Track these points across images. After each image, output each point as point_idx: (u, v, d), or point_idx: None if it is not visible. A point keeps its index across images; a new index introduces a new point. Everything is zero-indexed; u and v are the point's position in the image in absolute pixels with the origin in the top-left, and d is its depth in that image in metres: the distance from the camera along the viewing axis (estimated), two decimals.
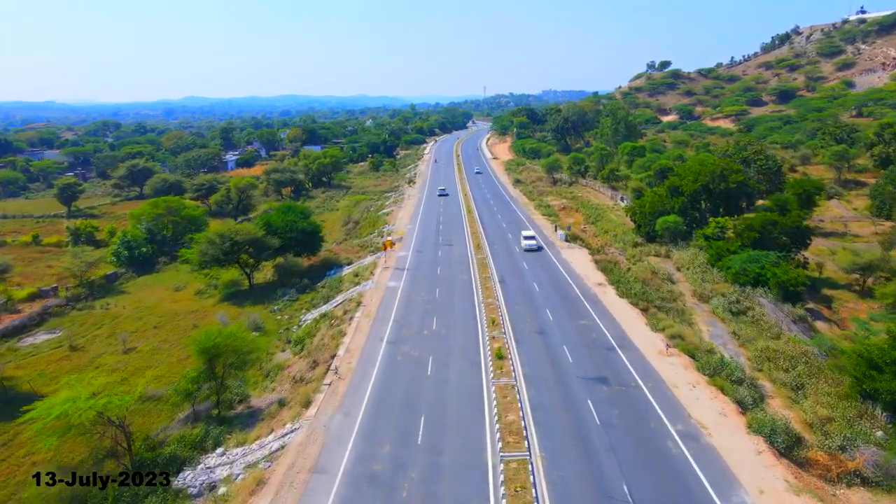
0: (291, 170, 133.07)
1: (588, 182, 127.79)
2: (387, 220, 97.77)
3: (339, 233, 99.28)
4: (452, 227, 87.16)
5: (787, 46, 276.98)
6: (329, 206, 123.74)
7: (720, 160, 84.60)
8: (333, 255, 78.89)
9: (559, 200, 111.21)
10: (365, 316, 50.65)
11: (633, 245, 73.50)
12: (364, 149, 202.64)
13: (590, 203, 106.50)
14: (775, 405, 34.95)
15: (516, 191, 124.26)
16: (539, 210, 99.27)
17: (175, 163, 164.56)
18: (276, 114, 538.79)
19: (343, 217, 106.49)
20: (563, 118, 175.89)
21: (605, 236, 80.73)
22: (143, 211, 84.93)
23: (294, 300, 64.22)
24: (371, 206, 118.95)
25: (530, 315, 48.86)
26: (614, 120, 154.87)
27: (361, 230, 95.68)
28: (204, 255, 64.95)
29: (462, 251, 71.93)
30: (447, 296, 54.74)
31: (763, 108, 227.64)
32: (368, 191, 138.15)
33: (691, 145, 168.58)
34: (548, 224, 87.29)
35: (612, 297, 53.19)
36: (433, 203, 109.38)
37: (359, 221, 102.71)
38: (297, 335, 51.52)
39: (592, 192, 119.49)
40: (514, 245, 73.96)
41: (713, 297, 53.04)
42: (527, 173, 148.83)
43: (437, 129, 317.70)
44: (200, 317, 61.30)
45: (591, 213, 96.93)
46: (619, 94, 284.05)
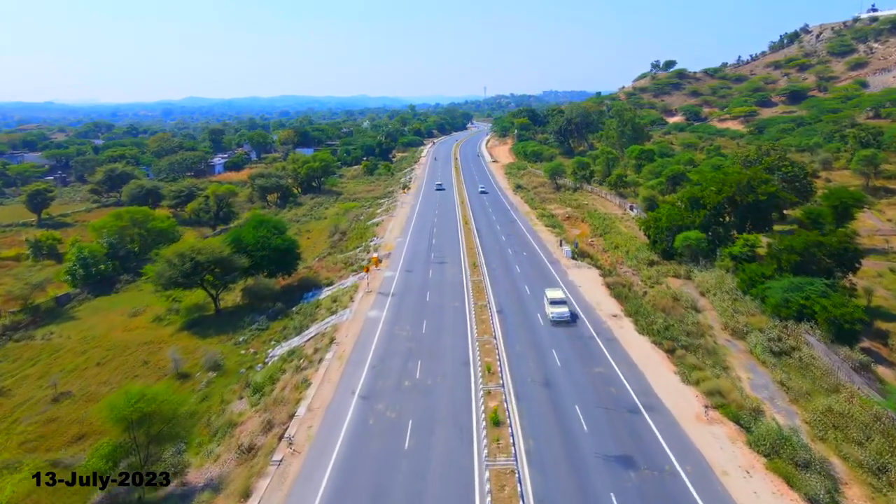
0: (277, 175, 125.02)
1: (593, 188, 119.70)
2: (376, 231, 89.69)
3: (324, 244, 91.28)
4: (446, 240, 79.09)
5: (796, 45, 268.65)
6: (317, 214, 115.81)
7: (747, 169, 76.57)
8: (313, 273, 70.80)
9: (563, 209, 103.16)
10: (337, 358, 42.56)
11: (648, 263, 65.42)
12: (358, 151, 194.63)
13: (596, 212, 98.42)
14: (853, 496, 26.87)
15: (517, 197, 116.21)
16: (542, 220, 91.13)
17: (158, 166, 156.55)
18: (275, 114, 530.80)
19: (330, 227, 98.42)
20: (565, 120, 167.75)
21: (615, 252, 72.63)
22: (104, 223, 76.88)
23: (263, 329, 56.17)
24: (362, 213, 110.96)
25: (534, 358, 40.80)
26: (620, 122, 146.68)
27: (348, 242, 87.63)
28: (160, 278, 56.93)
29: (456, 271, 63.83)
30: (435, 332, 46.62)
31: (773, 108, 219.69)
32: (360, 197, 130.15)
33: (700, 148, 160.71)
34: (552, 238, 79.15)
35: (631, 333, 45.10)
36: (427, 211, 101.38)
37: (346, 232, 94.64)
38: (258, 380, 43.40)
39: (599, 200, 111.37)
40: (515, 263, 65.85)
41: (749, 333, 44.97)
42: (528, 178, 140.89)
43: (436, 130, 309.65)
44: (154, 350, 53.27)
45: (599, 224, 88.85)
46: (623, 95, 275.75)
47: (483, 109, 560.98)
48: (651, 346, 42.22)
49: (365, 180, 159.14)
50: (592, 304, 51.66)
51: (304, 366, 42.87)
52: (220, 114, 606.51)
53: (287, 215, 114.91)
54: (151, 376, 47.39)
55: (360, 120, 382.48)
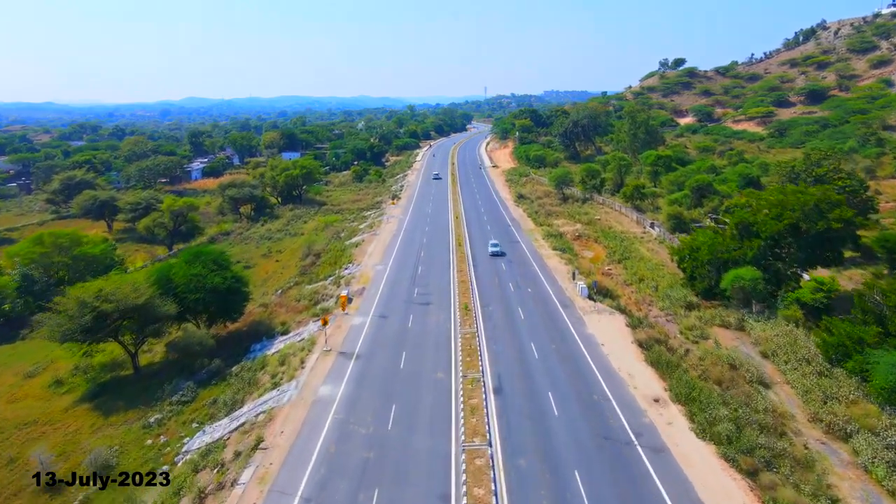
0: (251, 184, 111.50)
1: (605, 199, 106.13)
2: (354, 255, 76.23)
3: (294, 269, 77.93)
4: (434, 269, 65.63)
5: (813, 43, 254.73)
6: (293, 229, 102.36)
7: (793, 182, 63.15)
8: (268, 314, 57.21)
9: (572, 225, 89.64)
10: (257, 480, 29.00)
11: (685, 305, 51.90)
12: (349, 155, 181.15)
13: (611, 230, 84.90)
14: None
15: (519, 210, 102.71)
16: (549, 242, 77.57)
17: (127, 173, 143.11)
18: (273, 115, 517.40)
19: (303, 247, 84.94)
20: (571, 121, 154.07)
21: (640, 287, 59.06)
22: (20, 249, 63.47)
23: (188, 401, 42.69)
24: (343, 229, 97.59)
25: (547, 487, 27.29)
26: (633, 124, 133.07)
27: (320, 269, 74.24)
28: (54, 333, 43.56)
29: (443, 317, 50.27)
30: (407, 428, 33.03)
31: (791, 109, 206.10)
32: (345, 208, 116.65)
33: (719, 153, 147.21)
34: (561, 266, 65.59)
35: (685, 436, 31.53)
36: (416, 228, 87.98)
37: (321, 254, 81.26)
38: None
39: (612, 214, 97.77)
40: (517, 305, 52.28)
41: (855, 434, 31.49)
42: (531, 186, 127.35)
43: (434, 131, 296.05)
44: (36, 434, 39.82)
45: (616, 246, 75.33)
46: (630, 95, 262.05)
47: (483, 110, 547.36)
48: (721, 466, 28.65)
49: (353, 188, 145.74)
50: (623, 377, 38.13)
51: (213, 488, 29.36)
52: (218, 114, 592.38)
53: (259, 231, 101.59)
54: (10, 487, 33.90)
55: (358, 121, 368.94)
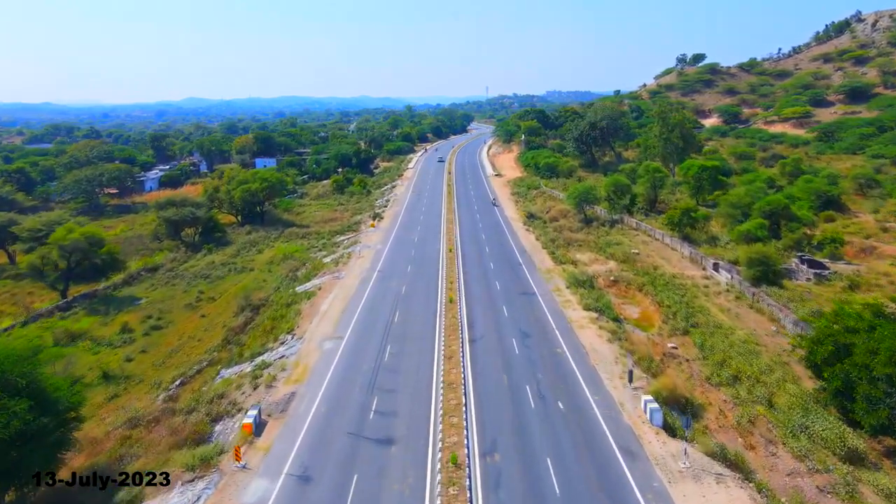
0: (194, 202, 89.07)
1: (639, 223, 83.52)
2: (301, 313, 53.82)
3: (219, 332, 55.56)
4: (411, 350, 43.30)
5: (847, 35, 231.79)
6: (243, 262, 79.89)
7: None
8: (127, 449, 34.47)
9: (603, 263, 67.16)
10: None
11: (842, 455, 29.52)
12: (332, 162, 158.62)
13: (659, 272, 62.35)
14: None
15: (530, 237, 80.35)
16: (576, 294, 54.92)
17: (64, 184, 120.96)
18: (270, 115, 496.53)
19: (240, 295, 62.44)
20: (588, 123, 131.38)
21: (737, 392, 36.57)
22: None
23: None
24: (305, 262, 75.48)
25: None
26: (664, 126, 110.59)
27: (251, 336, 51.97)
28: None
29: (412, 484, 27.82)
30: None
31: (830, 109, 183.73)
32: (313, 232, 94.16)
33: (764, 161, 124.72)
34: (601, 343, 43.07)
35: None
36: (395, 268, 65.73)
37: (261, 308, 58.95)
38: None
39: (654, 245, 75.09)
40: (547, 453, 29.87)
41: None
42: (543, 202, 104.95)
43: (431, 133, 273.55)
44: None
45: (674, 302, 52.84)
46: (646, 93, 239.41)
47: (485, 110, 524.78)
48: None
49: (332, 201, 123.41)
50: None
51: None
52: (216, 115, 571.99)
53: (198, 264, 79.21)
54: None
55: (354, 122, 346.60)
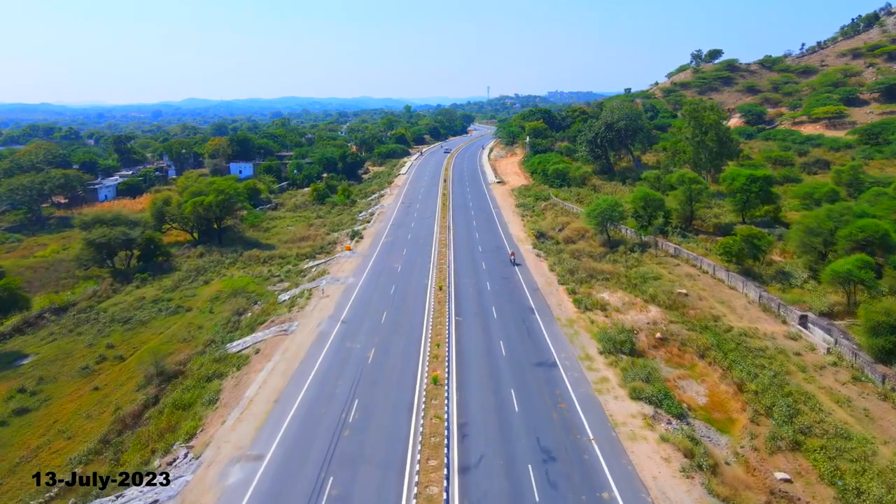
0: (128, 221, 72.46)
1: (679, 248, 66.74)
2: (215, 405, 37.33)
3: (101, 426, 39.12)
4: (367, 482, 26.66)
5: (877, 29, 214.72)
6: (181, 297, 63.38)
7: None
8: None
9: (642, 309, 50.40)
10: None
11: None
12: (315, 167, 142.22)
13: (721, 327, 45.65)
14: None
15: (542, 267, 63.84)
16: (614, 366, 38.38)
17: None
18: (268, 115, 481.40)
19: (151, 357, 45.82)
20: (604, 124, 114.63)
21: None
22: None
23: None
24: (258, 299, 59.16)
25: None
26: (697, 128, 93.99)
27: (139, 436, 35.55)
28: None
29: None
30: None
31: (864, 108, 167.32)
32: (276, 256, 77.53)
33: (807, 168, 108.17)
34: (665, 468, 26.57)
35: None
36: (367, 315, 49.20)
37: (176, 379, 42.40)
38: None
39: (703, 280, 58.12)
40: None
41: None
42: (553, 216, 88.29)
43: (429, 135, 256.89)
44: None
45: (747, 375, 36.35)
46: (660, 92, 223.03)
47: (486, 111, 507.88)
48: None
49: (310, 213, 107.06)
50: None
51: None
52: (214, 115, 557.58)
53: (125, 300, 62.74)
54: None
55: (351, 122, 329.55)
